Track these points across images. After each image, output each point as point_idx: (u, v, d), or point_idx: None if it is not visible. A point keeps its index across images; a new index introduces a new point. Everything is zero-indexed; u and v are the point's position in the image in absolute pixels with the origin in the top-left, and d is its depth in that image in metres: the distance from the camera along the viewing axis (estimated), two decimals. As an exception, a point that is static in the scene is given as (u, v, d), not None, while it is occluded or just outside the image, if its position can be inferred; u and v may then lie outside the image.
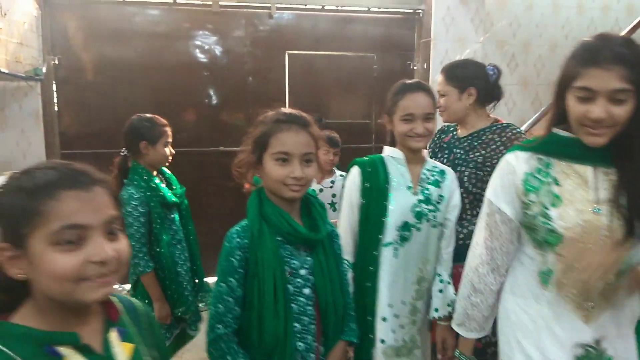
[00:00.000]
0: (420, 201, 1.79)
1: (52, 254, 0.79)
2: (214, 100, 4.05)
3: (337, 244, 1.57)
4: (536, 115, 3.68)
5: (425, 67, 4.14)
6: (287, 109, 1.49)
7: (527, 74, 4.40)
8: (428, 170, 1.85)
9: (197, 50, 3.99)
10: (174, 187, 2.42)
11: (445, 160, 2.11)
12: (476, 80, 2.01)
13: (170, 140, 2.37)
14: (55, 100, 3.78)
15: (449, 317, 1.76)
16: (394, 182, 1.80)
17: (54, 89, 3.75)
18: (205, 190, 4.09)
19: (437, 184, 1.83)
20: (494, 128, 2.02)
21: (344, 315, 1.52)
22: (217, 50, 4.02)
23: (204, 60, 4.01)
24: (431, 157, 2.14)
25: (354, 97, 4.32)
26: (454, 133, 2.16)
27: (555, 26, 4.43)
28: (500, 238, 1.44)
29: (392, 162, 1.83)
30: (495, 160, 1.87)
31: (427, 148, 2.10)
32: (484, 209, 1.50)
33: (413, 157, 1.83)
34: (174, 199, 2.34)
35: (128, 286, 2.41)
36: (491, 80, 2.05)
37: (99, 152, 3.87)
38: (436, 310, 1.82)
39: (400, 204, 1.78)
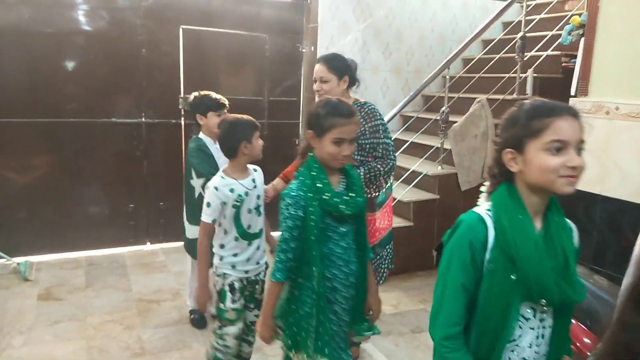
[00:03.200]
0: None
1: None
2: (106, 71, 4.05)
3: None
4: (405, 98, 4.25)
5: (312, 50, 4.51)
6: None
7: (399, 61, 4.98)
8: None
9: (87, 19, 3.94)
10: (352, 194, 1.78)
11: None
12: (348, 70, 2.50)
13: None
14: None
15: None
16: None
17: None
18: (97, 161, 4.11)
19: None
20: (356, 105, 2.47)
21: None
22: (109, 20, 4.00)
23: (94, 29, 3.97)
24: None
25: (247, 75, 4.57)
26: None
27: (424, 19, 5.05)
28: None
29: None
30: (358, 131, 2.43)
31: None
32: None
33: None
34: (344, 208, 1.73)
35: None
36: (354, 69, 2.57)
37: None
38: None
39: None
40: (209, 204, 2.15)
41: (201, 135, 2.86)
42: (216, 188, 2.14)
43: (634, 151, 2.28)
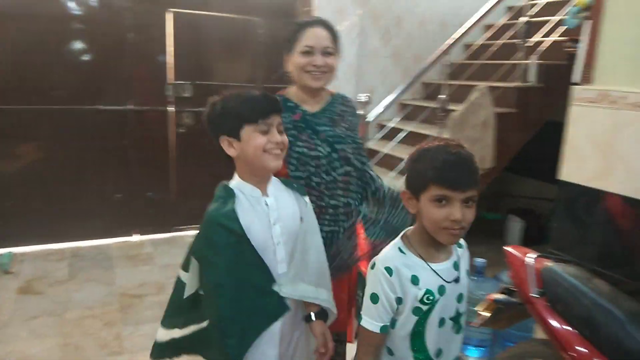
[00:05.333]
0: None
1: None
2: (92, 56, 3.89)
3: None
4: (405, 85, 4.07)
5: (307, 35, 4.32)
6: None
7: (399, 47, 4.79)
8: None
9: (72, 2, 3.78)
10: None
11: (317, 141, 1.72)
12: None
13: None
14: None
15: None
16: None
17: None
18: (83, 149, 3.97)
19: None
20: (338, 98, 1.85)
21: None
22: (95, 3, 3.84)
23: (80, 12, 3.81)
24: (291, 140, 1.62)
25: (240, 61, 4.41)
26: (302, 109, 1.76)
27: (425, 4, 4.84)
28: None
29: None
30: (354, 131, 1.81)
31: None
32: None
33: None
34: None
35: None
36: None
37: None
38: None
39: None
40: (375, 298, 1.24)
41: (235, 180, 1.45)
42: (389, 271, 1.22)
43: (635, 140, 2.10)
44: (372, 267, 1.27)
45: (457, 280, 1.28)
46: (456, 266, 1.30)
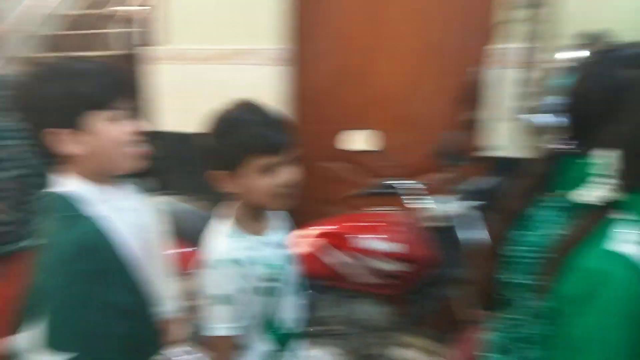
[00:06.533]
0: None
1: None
2: None
3: None
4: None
5: None
6: None
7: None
8: None
9: None
10: None
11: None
12: None
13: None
14: None
15: None
16: None
17: None
18: None
19: None
20: None
21: None
22: None
23: None
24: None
25: None
26: None
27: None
28: None
29: None
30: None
31: None
32: None
33: None
34: None
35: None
36: None
37: None
38: None
39: None
40: (228, 299, 1.09)
41: (72, 184, 1.05)
42: (238, 262, 1.10)
43: (204, 88, 2.67)
44: (212, 267, 1.10)
45: (283, 244, 1.23)
46: (277, 229, 1.24)
